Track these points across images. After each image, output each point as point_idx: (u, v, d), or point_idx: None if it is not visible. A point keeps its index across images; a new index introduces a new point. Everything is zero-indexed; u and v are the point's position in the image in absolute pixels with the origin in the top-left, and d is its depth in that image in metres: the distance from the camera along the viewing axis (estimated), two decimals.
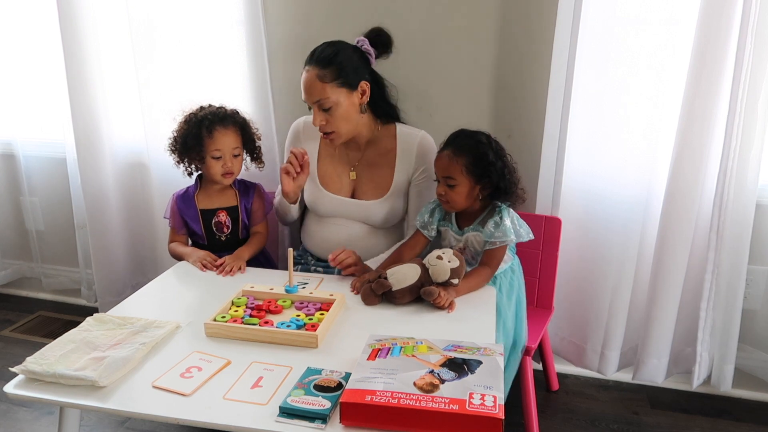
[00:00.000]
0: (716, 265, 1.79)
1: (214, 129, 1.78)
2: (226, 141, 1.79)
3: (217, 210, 1.86)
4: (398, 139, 1.82)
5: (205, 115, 1.80)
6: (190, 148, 1.80)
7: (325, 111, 1.69)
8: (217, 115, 1.80)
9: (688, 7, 1.66)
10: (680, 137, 1.72)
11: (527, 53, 1.92)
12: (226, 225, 1.86)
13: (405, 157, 1.81)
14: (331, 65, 1.67)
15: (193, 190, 1.89)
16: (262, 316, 1.42)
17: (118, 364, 1.20)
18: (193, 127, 1.79)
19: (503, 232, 1.60)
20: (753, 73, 1.62)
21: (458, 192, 1.61)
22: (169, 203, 1.91)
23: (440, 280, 1.51)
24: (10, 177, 2.66)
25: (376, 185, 1.83)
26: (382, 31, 1.79)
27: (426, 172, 1.81)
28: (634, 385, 2.14)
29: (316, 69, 1.67)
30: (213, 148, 1.78)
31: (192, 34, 2.12)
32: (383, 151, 1.83)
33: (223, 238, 1.87)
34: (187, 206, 1.87)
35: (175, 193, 1.91)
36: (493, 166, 1.59)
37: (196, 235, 1.89)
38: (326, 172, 1.86)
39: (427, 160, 1.80)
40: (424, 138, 1.82)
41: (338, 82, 1.68)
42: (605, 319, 1.96)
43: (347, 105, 1.71)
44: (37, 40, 2.42)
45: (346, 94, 1.70)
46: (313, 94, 1.68)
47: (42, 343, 1.32)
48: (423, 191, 1.83)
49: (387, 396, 1.04)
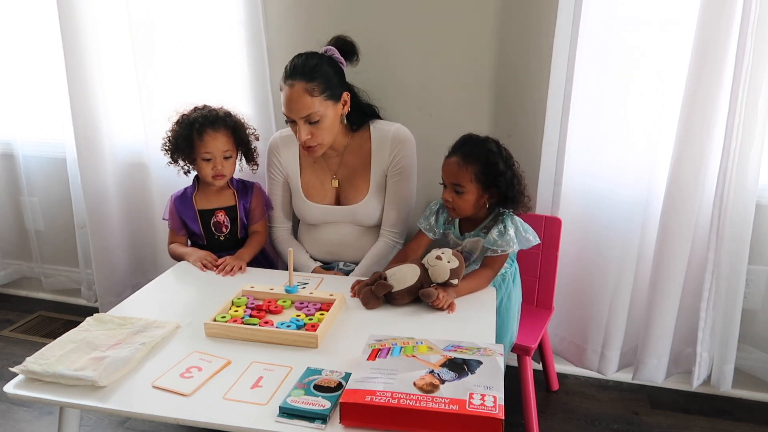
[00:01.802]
0: (716, 265, 1.79)
1: (204, 131, 1.77)
2: (216, 144, 1.78)
3: (216, 210, 1.86)
4: (372, 136, 1.82)
5: (197, 117, 1.80)
6: (181, 149, 1.81)
7: (311, 124, 1.68)
8: (208, 118, 1.80)
9: (688, 7, 1.66)
10: (680, 137, 1.72)
11: (527, 53, 1.92)
12: (224, 225, 1.86)
13: (379, 151, 1.81)
14: (317, 78, 1.65)
15: (191, 191, 1.89)
16: (262, 316, 1.42)
17: (118, 364, 1.20)
18: (184, 129, 1.80)
19: (506, 242, 1.59)
20: (753, 73, 1.62)
21: (466, 199, 1.61)
22: (168, 205, 1.92)
23: (440, 280, 1.51)
24: (9, 177, 2.66)
25: (357, 187, 1.83)
26: (345, 38, 1.78)
27: (400, 162, 1.79)
28: (634, 385, 2.14)
29: (302, 83, 1.64)
30: (203, 150, 1.78)
31: (192, 35, 2.11)
32: (361, 153, 1.83)
33: (222, 238, 1.87)
34: (185, 207, 1.87)
35: (172, 195, 1.91)
36: (503, 176, 1.58)
37: (196, 236, 1.89)
38: (309, 182, 1.86)
39: (400, 150, 1.79)
40: (398, 129, 1.81)
41: (326, 95, 1.67)
42: (605, 319, 1.96)
43: (333, 117, 1.71)
44: (37, 40, 2.42)
45: (332, 106, 1.70)
46: (302, 109, 1.65)
47: (42, 343, 1.32)
48: (398, 183, 1.81)
49: (387, 396, 1.04)
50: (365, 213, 1.83)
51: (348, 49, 1.78)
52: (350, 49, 1.78)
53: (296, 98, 1.65)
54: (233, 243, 1.87)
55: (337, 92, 1.70)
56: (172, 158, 1.85)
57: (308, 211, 1.87)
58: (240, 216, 1.88)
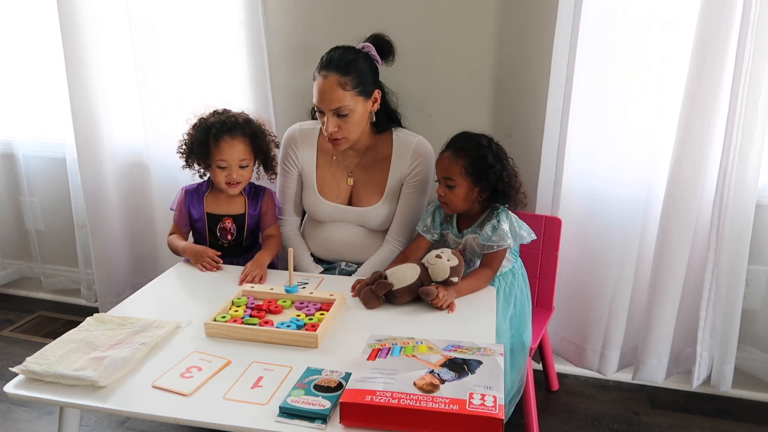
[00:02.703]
0: (716, 265, 1.79)
1: (221, 138, 1.71)
2: (233, 152, 1.72)
3: (224, 217, 1.81)
4: (394, 143, 1.82)
5: (214, 122, 1.74)
6: (196, 154, 1.76)
7: (339, 117, 1.68)
8: (226, 124, 1.73)
9: (688, 7, 1.66)
10: (680, 137, 1.72)
11: (527, 53, 1.92)
12: (230, 232, 1.82)
13: (400, 161, 1.81)
14: (352, 72, 1.66)
15: (204, 190, 1.83)
16: (262, 316, 1.42)
17: (118, 364, 1.20)
18: (200, 134, 1.74)
19: (500, 237, 1.60)
20: (753, 73, 1.62)
21: (456, 193, 1.62)
22: (178, 196, 1.85)
23: (440, 278, 1.51)
24: (9, 177, 2.66)
25: (371, 190, 1.83)
26: (383, 37, 1.78)
27: (418, 175, 1.81)
28: (634, 385, 2.14)
29: (336, 75, 1.65)
30: (218, 158, 1.72)
31: (192, 35, 2.11)
32: (380, 157, 1.83)
33: (226, 245, 1.83)
34: (195, 204, 1.82)
35: (185, 187, 1.84)
36: (491, 169, 1.60)
37: (198, 234, 1.86)
38: (324, 179, 1.86)
39: (420, 164, 1.80)
40: (420, 142, 1.82)
41: (358, 90, 1.67)
42: (605, 319, 1.96)
43: (362, 113, 1.71)
44: (37, 41, 2.42)
45: (362, 102, 1.70)
46: (332, 101, 1.66)
47: (42, 343, 1.32)
48: (412, 194, 1.82)
49: (387, 396, 1.04)
50: (375, 217, 1.83)
51: (385, 48, 1.78)
52: (387, 48, 1.78)
53: (329, 90, 1.65)
54: (236, 249, 1.83)
55: (369, 89, 1.71)
56: (186, 162, 1.80)
57: (320, 208, 1.86)
58: (248, 224, 1.83)
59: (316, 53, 1.72)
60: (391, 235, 1.85)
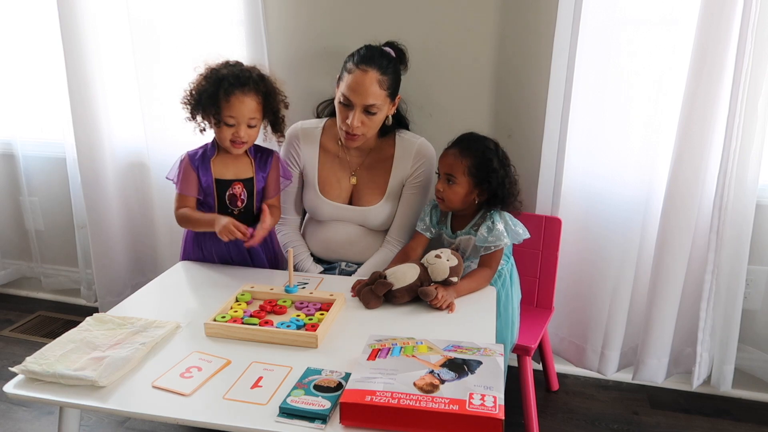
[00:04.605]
0: (716, 266, 1.79)
1: (232, 92, 1.59)
2: (243, 109, 1.60)
3: (233, 182, 1.68)
4: (397, 144, 1.83)
5: (227, 75, 1.61)
6: (203, 106, 1.62)
7: (367, 114, 1.68)
8: (239, 78, 1.60)
9: (688, 7, 1.66)
10: (680, 137, 1.72)
11: (527, 53, 1.92)
12: (240, 198, 1.69)
13: (402, 161, 1.82)
14: (390, 73, 1.68)
15: (210, 154, 1.69)
16: (262, 316, 1.42)
17: (118, 364, 1.20)
18: (210, 85, 1.61)
19: (496, 237, 1.61)
20: (753, 73, 1.62)
21: (456, 191, 1.63)
22: (179, 163, 1.70)
23: (439, 278, 1.51)
24: (9, 177, 2.66)
25: (373, 190, 1.84)
26: (398, 45, 1.80)
27: (420, 177, 1.81)
28: (634, 385, 2.14)
29: (377, 73, 1.65)
30: (227, 113, 1.59)
31: (192, 34, 2.11)
32: (383, 157, 1.84)
33: (236, 212, 1.70)
34: (202, 170, 1.68)
35: (188, 152, 1.71)
36: (495, 173, 1.62)
37: (205, 207, 1.71)
38: (326, 178, 1.86)
39: (422, 165, 1.81)
40: (423, 144, 1.83)
41: (389, 91, 1.69)
42: (605, 319, 1.96)
43: (384, 113, 1.73)
44: (37, 40, 2.42)
45: (389, 104, 1.72)
46: (368, 96, 1.65)
47: (42, 343, 1.32)
48: (414, 195, 1.83)
49: (387, 396, 1.04)
50: (376, 217, 1.84)
51: (399, 56, 1.79)
52: (401, 56, 1.80)
53: (368, 84, 1.65)
54: (246, 219, 1.68)
55: (395, 93, 1.74)
56: (191, 114, 1.66)
57: (321, 207, 1.86)
58: (257, 189, 1.71)
59: (317, 54, 1.73)
60: (392, 235, 1.85)
